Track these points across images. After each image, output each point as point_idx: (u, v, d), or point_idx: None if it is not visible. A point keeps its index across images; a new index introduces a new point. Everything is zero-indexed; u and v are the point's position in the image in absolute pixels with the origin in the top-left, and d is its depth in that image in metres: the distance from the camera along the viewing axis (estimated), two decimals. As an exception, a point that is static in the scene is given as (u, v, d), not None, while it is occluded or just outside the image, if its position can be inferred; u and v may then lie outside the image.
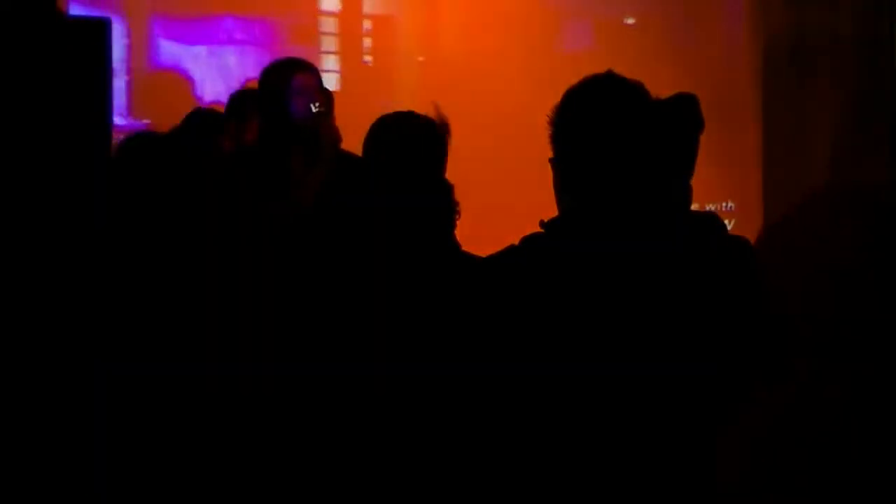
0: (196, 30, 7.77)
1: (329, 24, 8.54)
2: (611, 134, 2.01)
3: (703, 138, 3.47)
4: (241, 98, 4.66)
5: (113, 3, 7.32)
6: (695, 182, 3.44)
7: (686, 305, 1.98)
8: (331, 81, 8.38)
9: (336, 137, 3.82)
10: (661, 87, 2.43)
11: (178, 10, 7.65)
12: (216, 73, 7.68)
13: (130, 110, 7.24)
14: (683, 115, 3.40)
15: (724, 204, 6.71)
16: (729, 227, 2.19)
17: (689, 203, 3.24)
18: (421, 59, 7.65)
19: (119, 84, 7.13)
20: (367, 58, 8.37)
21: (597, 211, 2.01)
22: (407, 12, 8.40)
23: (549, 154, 2.07)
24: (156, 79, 7.56)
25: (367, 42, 8.45)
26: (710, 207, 6.22)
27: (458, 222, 2.55)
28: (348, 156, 4.25)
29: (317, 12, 8.35)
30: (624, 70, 2.12)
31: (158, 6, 7.65)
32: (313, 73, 3.73)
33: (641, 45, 7.00)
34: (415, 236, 2.46)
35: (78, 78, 2.49)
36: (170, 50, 7.73)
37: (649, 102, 2.05)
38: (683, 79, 7.01)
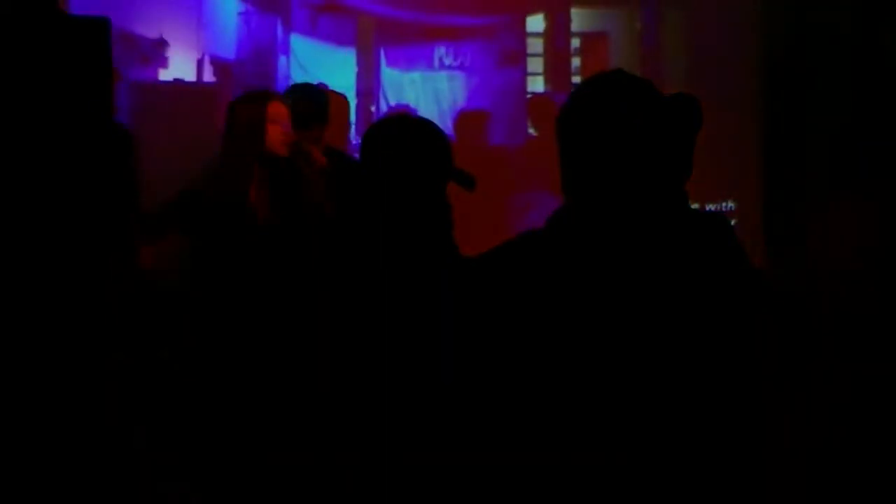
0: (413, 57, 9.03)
1: (537, 46, 9.27)
2: (616, 132, 2.00)
3: (703, 138, 3.46)
4: None
5: (349, 38, 8.90)
6: (695, 182, 3.44)
7: (684, 304, 1.98)
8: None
9: (316, 165, 4.01)
10: (661, 86, 2.43)
11: (400, 40, 8.91)
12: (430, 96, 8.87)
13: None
14: (682, 115, 3.38)
15: (724, 204, 6.70)
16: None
17: (686, 203, 3.24)
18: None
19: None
20: (576, 78, 8.69)
21: (597, 208, 2.00)
22: (618, 28, 8.58)
23: None
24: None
25: (576, 62, 8.91)
26: (710, 207, 6.23)
27: None
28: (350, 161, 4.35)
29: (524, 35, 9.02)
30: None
31: (382, 38, 8.89)
32: (285, 103, 3.93)
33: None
34: (416, 240, 2.46)
35: (78, 77, 2.49)
36: (390, 76, 9.02)
37: (656, 101, 2.04)
38: (684, 78, 7.02)
